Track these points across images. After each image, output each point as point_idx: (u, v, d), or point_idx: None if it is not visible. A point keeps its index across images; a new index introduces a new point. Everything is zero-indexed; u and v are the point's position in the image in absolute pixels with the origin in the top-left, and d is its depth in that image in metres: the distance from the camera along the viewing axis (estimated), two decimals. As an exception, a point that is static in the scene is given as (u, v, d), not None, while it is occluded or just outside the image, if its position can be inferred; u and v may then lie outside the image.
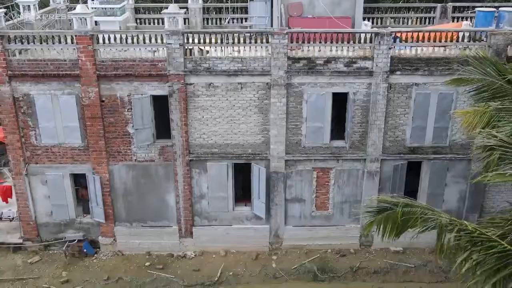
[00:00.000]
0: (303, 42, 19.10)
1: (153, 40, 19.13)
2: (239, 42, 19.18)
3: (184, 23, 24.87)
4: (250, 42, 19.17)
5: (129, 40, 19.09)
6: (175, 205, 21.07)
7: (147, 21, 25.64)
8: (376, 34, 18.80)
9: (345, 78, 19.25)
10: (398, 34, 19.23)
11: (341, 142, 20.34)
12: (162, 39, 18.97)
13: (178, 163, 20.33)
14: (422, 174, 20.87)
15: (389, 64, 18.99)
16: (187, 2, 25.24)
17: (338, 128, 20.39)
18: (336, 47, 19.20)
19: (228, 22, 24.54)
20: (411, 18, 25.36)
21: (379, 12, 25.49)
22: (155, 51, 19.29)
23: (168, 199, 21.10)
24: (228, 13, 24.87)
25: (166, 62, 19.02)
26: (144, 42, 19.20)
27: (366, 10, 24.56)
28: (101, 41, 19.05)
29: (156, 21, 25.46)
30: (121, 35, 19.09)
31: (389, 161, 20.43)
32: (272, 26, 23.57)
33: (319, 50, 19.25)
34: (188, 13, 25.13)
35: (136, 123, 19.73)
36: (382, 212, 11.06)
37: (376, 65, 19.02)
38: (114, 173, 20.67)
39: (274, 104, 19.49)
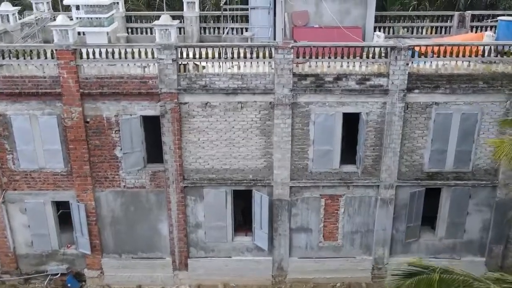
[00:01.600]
0: (311, 57, 17.15)
1: (143, 54, 17.23)
2: (239, 57, 17.27)
3: (180, 32, 23.15)
4: (251, 57, 17.26)
5: (116, 55, 17.17)
6: (168, 235, 19.29)
7: (139, 30, 23.67)
8: (392, 48, 16.85)
9: (357, 97, 17.36)
10: (417, 48, 17.27)
11: (352, 167, 18.45)
12: (153, 54, 17.05)
13: (172, 189, 18.46)
14: (441, 201, 18.95)
15: (406, 82, 17.11)
16: (182, 10, 23.33)
17: (348, 151, 18.50)
18: (347, 62, 17.28)
19: (227, 33, 22.56)
20: (425, 27, 23.37)
21: (391, 21, 23.50)
22: (145, 67, 17.41)
23: (160, 228, 19.25)
24: (227, 22, 22.90)
25: (157, 79, 17.16)
26: (133, 57, 17.27)
27: (377, 19, 22.61)
28: (84, 55, 17.16)
29: (149, 30, 23.48)
30: (107, 49, 17.17)
31: (405, 188, 18.54)
32: (275, 37, 21.62)
33: (328, 66, 17.32)
34: (183, 21, 23.21)
35: (124, 146, 17.91)
36: (413, 276, 9.06)
37: (392, 83, 17.11)
38: (101, 201, 18.84)
39: (278, 126, 17.62)
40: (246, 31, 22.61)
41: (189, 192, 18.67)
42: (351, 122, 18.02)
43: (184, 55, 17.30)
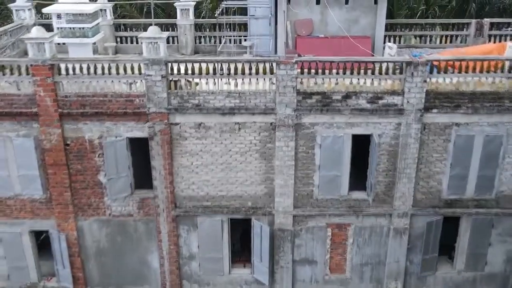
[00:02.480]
0: (317, 73, 15.36)
1: (128, 70, 15.47)
2: (236, 72, 15.51)
3: (173, 42, 21.38)
4: (250, 73, 15.49)
5: (99, 70, 15.41)
6: (159, 267, 17.62)
7: (129, 39, 21.86)
8: (408, 63, 15.06)
9: (368, 117, 15.61)
10: (435, 63, 15.48)
11: (362, 194, 16.71)
12: (140, 69, 15.29)
13: (162, 218, 16.74)
14: (461, 231, 17.21)
15: (423, 100, 15.36)
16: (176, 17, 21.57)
17: (358, 177, 16.70)
18: (358, 78, 15.51)
19: (225, 43, 20.75)
20: (439, 36, 21.53)
21: (401, 30, 21.68)
22: (132, 83, 15.66)
23: (150, 260, 17.59)
24: (224, 30, 21.09)
25: (145, 98, 15.45)
26: (118, 73, 15.51)
27: (386, 27, 20.73)
28: (63, 71, 15.44)
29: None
30: (88, 64, 15.37)
31: (420, 217, 16.83)
32: (276, 48, 19.78)
33: (337, 83, 15.53)
34: (177, 30, 21.43)
35: (109, 171, 16.23)
36: None
37: (408, 102, 15.35)
38: (84, 230, 17.15)
39: (279, 149, 15.90)
40: (245, 40, 20.82)
41: (182, 221, 16.94)
42: (361, 144, 16.25)
43: (175, 70, 15.53)
